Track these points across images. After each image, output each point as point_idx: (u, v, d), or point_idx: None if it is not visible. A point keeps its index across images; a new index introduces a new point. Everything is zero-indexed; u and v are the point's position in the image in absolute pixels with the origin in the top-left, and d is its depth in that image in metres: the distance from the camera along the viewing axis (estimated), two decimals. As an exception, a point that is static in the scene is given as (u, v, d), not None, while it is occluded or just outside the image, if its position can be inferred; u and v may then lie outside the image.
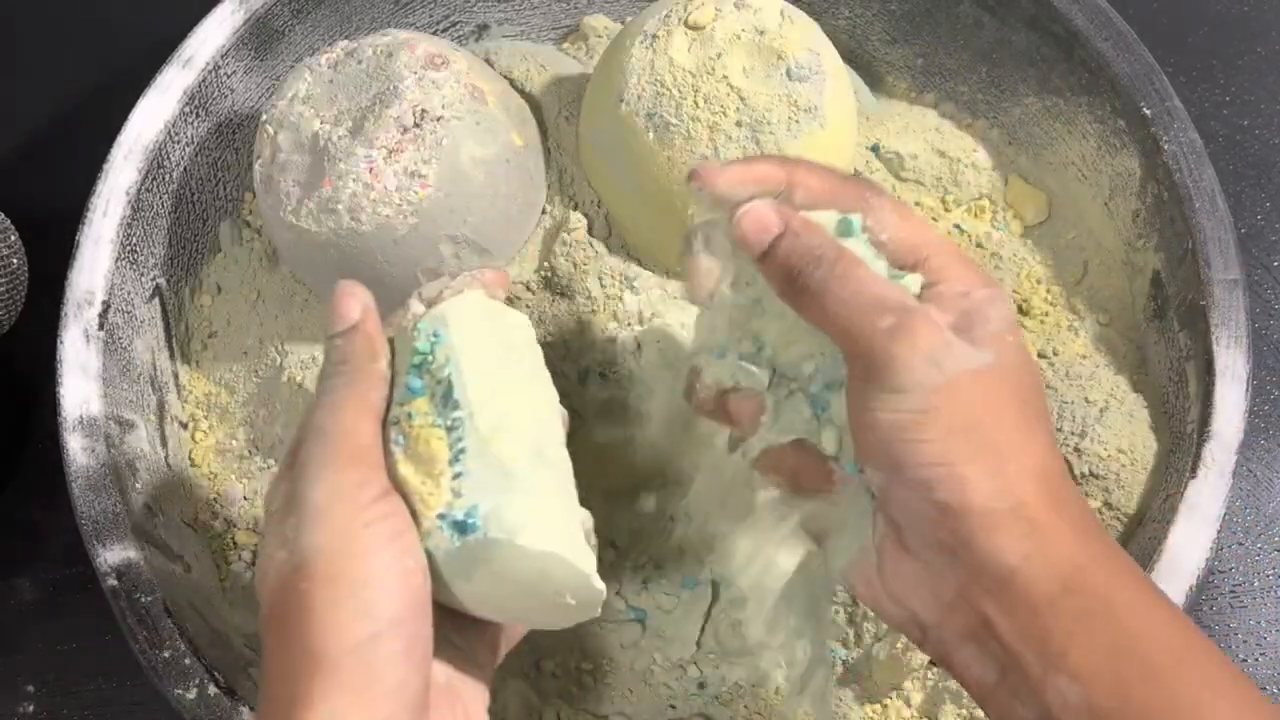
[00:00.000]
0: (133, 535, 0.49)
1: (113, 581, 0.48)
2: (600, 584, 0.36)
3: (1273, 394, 0.59)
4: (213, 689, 0.46)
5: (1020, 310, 0.55)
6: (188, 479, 0.56)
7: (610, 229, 0.54)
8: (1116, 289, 0.56)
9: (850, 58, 0.60)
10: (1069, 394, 0.51)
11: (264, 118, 0.52)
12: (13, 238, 0.61)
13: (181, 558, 0.52)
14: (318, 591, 0.32)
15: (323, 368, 0.38)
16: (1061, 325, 0.55)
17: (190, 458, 0.56)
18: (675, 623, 0.50)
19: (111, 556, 0.48)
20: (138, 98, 0.55)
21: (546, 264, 0.53)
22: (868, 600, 0.37)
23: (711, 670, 0.50)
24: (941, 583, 0.34)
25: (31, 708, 0.57)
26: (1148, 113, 0.52)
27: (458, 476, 0.35)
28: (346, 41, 0.52)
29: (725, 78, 0.49)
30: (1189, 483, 0.47)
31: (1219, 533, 0.47)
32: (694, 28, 0.50)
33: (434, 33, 0.62)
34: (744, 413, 0.40)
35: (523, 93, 0.57)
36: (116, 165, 0.54)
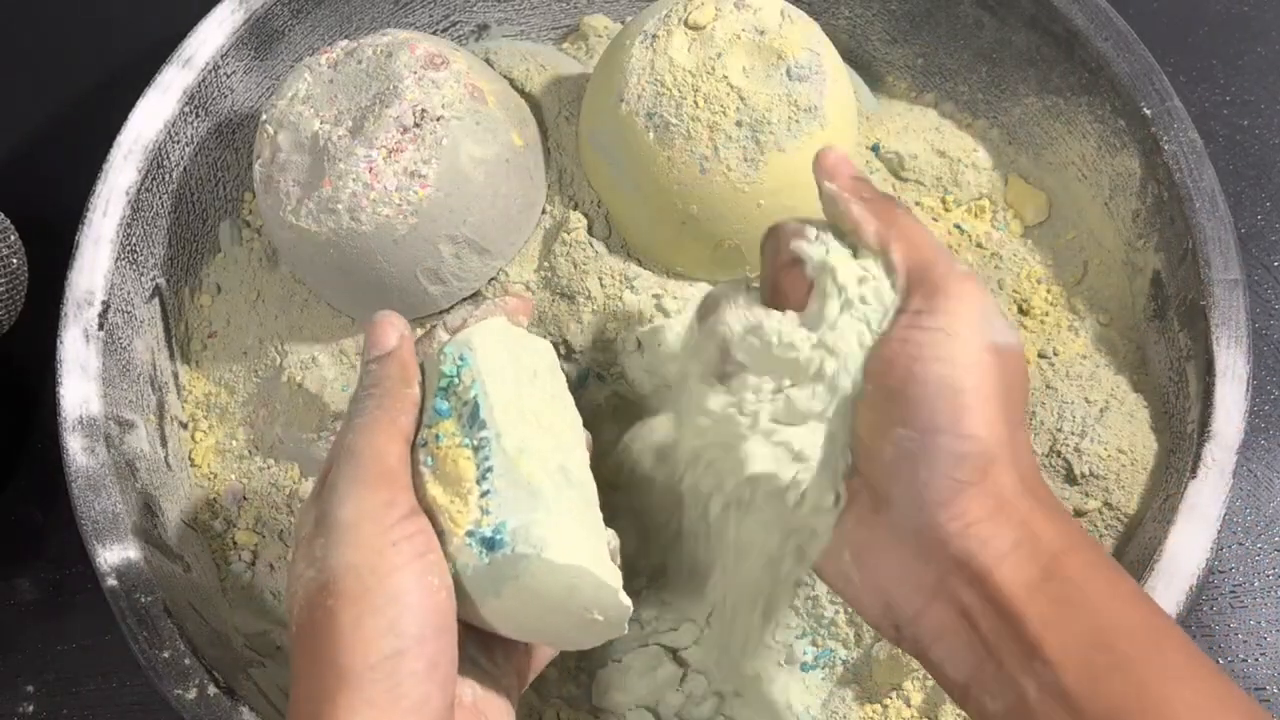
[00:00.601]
0: (132, 535, 0.49)
1: (113, 581, 0.48)
2: (627, 600, 0.37)
3: (1273, 394, 0.59)
4: (212, 689, 0.46)
5: (1020, 310, 0.55)
6: (188, 479, 0.56)
7: (610, 229, 0.54)
8: (1116, 289, 0.56)
9: (850, 58, 0.60)
10: (1069, 394, 0.51)
11: (264, 118, 0.52)
12: (13, 238, 0.61)
13: (181, 558, 0.52)
14: (343, 608, 0.33)
15: (355, 391, 0.39)
16: (1061, 325, 0.55)
17: (190, 458, 0.56)
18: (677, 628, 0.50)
19: (111, 556, 0.48)
20: (138, 98, 0.55)
21: (546, 264, 0.53)
22: (845, 594, 0.38)
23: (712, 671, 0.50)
24: (923, 571, 0.35)
25: (31, 708, 0.57)
26: (1148, 113, 0.52)
27: (485, 494, 0.36)
28: (346, 41, 0.52)
29: (725, 77, 0.49)
30: (1189, 483, 0.47)
31: (1219, 533, 0.46)
32: (694, 28, 0.50)
33: (434, 33, 0.62)
34: (797, 289, 0.39)
35: (523, 93, 0.57)
36: (116, 165, 0.54)
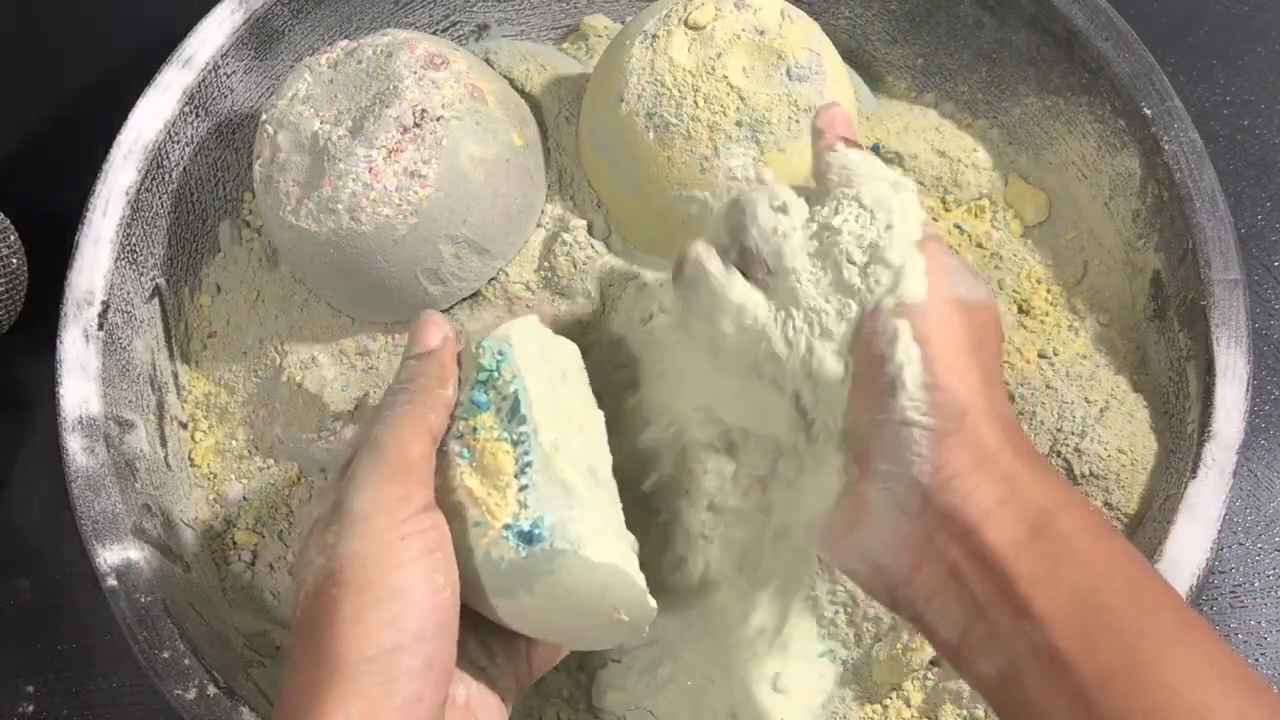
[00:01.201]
0: (132, 535, 0.49)
1: (112, 581, 0.48)
2: (653, 601, 0.37)
3: (1273, 394, 0.59)
4: (212, 689, 0.46)
5: (1020, 310, 0.55)
6: (188, 479, 0.56)
7: (610, 229, 0.54)
8: (1116, 289, 0.56)
9: (850, 58, 0.60)
10: (1069, 394, 0.51)
11: (264, 117, 0.52)
12: (12, 238, 0.61)
13: (181, 558, 0.52)
14: (346, 598, 0.33)
15: (391, 384, 0.39)
16: (1061, 325, 0.55)
17: (190, 458, 0.56)
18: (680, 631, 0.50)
19: (111, 556, 0.48)
20: (138, 98, 0.55)
21: (546, 264, 0.53)
22: (835, 559, 0.38)
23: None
24: (910, 529, 0.35)
25: (31, 708, 0.57)
26: (1148, 113, 0.52)
27: (524, 489, 0.36)
28: (346, 41, 0.52)
29: (725, 77, 0.49)
30: (1189, 483, 0.47)
31: (1219, 533, 0.46)
32: (694, 28, 0.50)
33: (434, 33, 0.62)
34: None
35: (523, 93, 0.57)
36: (116, 165, 0.54)
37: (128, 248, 0.54)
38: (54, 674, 0.57)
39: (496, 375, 0.38)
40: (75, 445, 0.50)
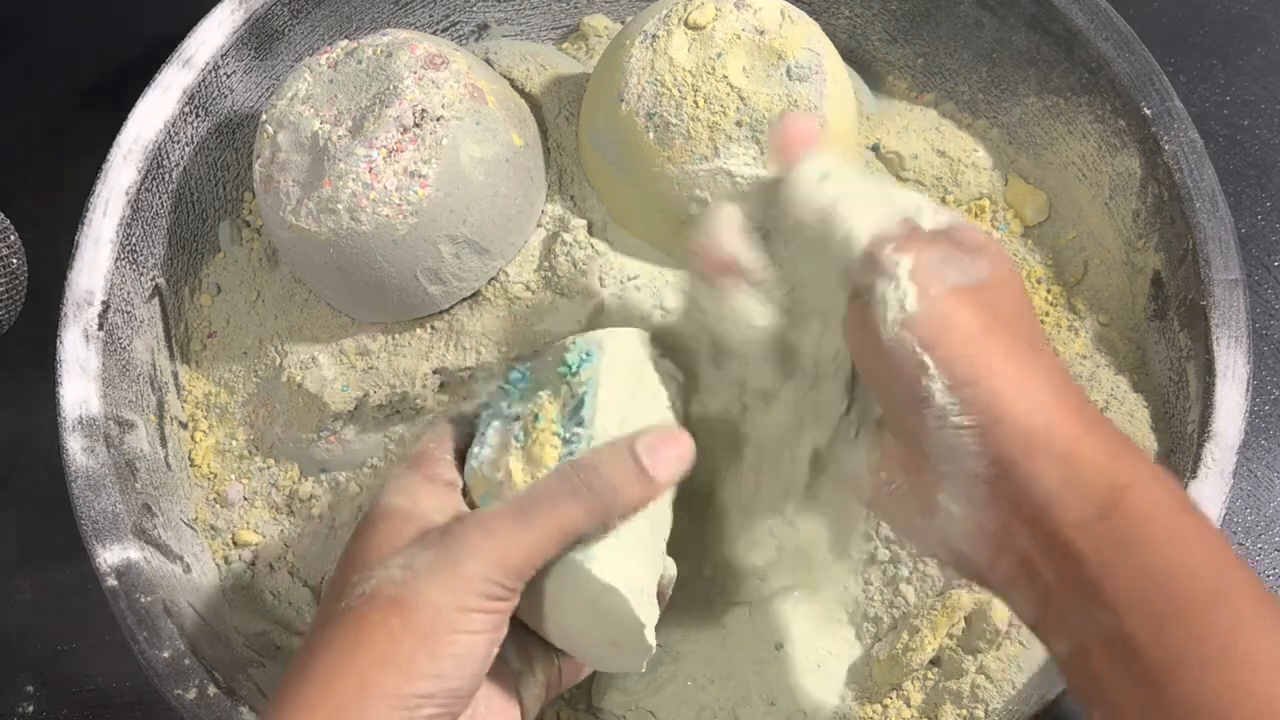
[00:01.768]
0: (132, 535, 0.49)
1: (112, 581, 0.48)
2: (653, 640, 0.37)
3: (1273, 394, 0.59)
4: (212, 689, 0.46)
5: (1020, 310, 0.55)
6: (188, 479, 0.56)
7: (610, 229, 0.54)
8: (1116, 289, 0.56)
9: (850, 58, 0.60)
10: (1069, 394, 0.51)
11: (264, 117, 0.52)
12: (12, 238, 0.61)
13: (181, 558, 0.52)
14: (406, 640, 0.34)
15: (577, 462, 0.38)
16: (1061, 325, 0.55)
17: (190, 458, 0.56)
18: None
19: (111, 556, 0.48)
20: (138, 98, 0.55)
21: (546, 264, 0.53)
22: (920, 546, 0.38)
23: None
24: (985, 519, 0.34)
25: (31, 708, 0.57)
26: (1148, 113, 0.52)
27: None
28: (346, 41, 0.52)
29: (725, 77, 0.49)
30: (1189, 483, 0.47)
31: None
32: (694, 27, 0.50)
33: (434, 33, 0.62)
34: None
35: (523, 93, 0.57)
36: (116, 165, 0.54)
37: (128, 248, 0.54)
38: (54, 674, 0.57)
39: (574, 374, 0.39)
40: (75, 445, 0.50)
